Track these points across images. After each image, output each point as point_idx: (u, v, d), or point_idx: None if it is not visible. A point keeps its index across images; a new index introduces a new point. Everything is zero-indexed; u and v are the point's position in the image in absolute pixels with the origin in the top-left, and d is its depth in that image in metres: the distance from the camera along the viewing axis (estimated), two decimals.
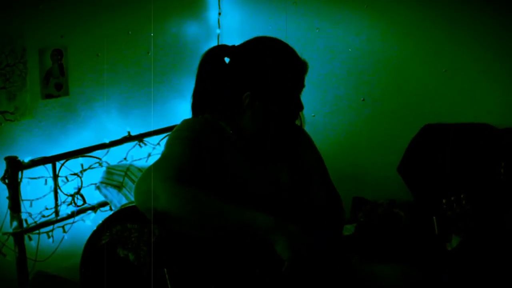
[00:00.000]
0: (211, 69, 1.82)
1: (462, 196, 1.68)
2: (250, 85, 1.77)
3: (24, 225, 2.53)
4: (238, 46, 1.84)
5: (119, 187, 2.77)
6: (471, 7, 2.93)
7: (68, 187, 2.72)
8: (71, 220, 2.71)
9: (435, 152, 2.92)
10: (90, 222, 2.79)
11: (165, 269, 1.63)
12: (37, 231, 2.59)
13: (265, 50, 1.79)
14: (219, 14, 3.58)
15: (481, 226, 1.67)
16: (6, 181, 2.46)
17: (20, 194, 2.49)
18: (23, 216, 2.52)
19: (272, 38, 1.84)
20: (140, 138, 3.03)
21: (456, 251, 2.21)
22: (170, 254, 1.65)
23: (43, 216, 2.63)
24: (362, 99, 3.29)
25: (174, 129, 1.78)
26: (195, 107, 1.87)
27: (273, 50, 1.80)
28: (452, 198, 1.68)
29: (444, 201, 1.69)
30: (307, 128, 1.98)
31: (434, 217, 1.68)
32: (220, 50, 1.84)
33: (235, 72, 1.80)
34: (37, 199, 2.59)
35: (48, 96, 2.71)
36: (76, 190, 2.73)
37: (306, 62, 1.82)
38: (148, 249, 1.65)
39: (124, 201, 2.76)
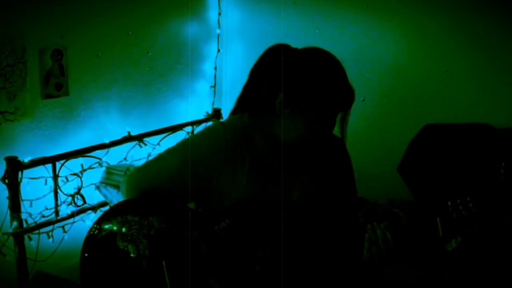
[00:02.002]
0: (264, 68, 1.80)
1: (468, 199, 1.67)
2: (285, 89, 1.74)
3: (24, 225, 2.53)
4: (293, 49, 1.81)
5: (118, 187, 2.77)
6: (471, 7, 2.93)
7: (68, 187, 2.72)
8: (71, 220, 2.72)
9: (435, 152, 2.92)
10: (90, 222, 2.79)
11: (164, 262, 1.64)
12: (37, 231, 2.59)
13: (309, 59, 1.76)
14: (219, 14, 3.58)
15: (485, 228, 1.66)
16: (6, 181, 2.46)
17: (20, 194, 2.49)
18: (23, 216, 2.52)
19: (327, 52, 1.81)
20: (140, 138, 3.03)
21: (456, 251, 2.21)
22: (168, 247, 1.65)
23: (43, 216, 2.63)
24: (362, 99, 3.29)
25: (185, 138, 1.90)
26: (239, 102, 1.88)
27: (317, 61, 1.77)
28: (458, 201, 1.68)
29: (449, 203, 1.68)
30: None
31: (438, 219, 1.67)
32: (278, 49, 1.80)
33: (276, 73, 1.76)
34: (37, 199, 2.59)
35: (48, 96, 2.71)
36: (76, 190, 2.73)
37: (352, 90, 1.80)
38: (148, 241, 1.66)
39: None
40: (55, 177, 2.64)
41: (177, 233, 1.68)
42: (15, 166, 2.47)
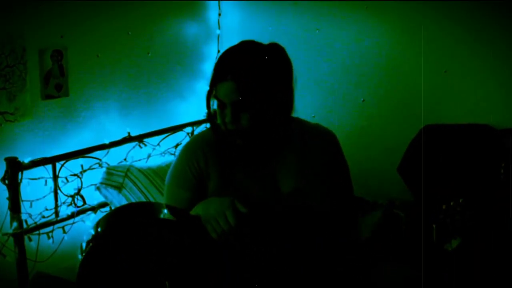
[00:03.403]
0: None
1: (460, 201, 1.67)
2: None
3: (24, 225, 2.52)
4: None
5: (119, 188, 2.77)
6: (471, 7, 2.93)
7: (68, 188, 2.72)
8: (71, 221, 2.71)
9: (435, 153, 2.91)
10: (90, 223, 2.78)
11: (167, 282, 1.59)
12: (37, 232, 2.58)
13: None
14: (219, 14, 3.58)
15: (481, 230, 1.66)
16: (6, 182, 2.46)
17: (20, 194, 2.49)
18: (23, 216, 2.52)
19: (241, 42, 1.87)
20: (140, 138, 3.03)
21: (456, 251, 2.21)
22: (172, 266, 1.61)
23: (43, 217, 2.63)
24: (362, 99, 3.29)
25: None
26: None
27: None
28: (452, 203, 1.68)
29: (444, 206, 1.68)
30: None
31: (434, 225, 1.67)
32: None
33: None
34: (37, 199, 2.59)
35: (48, 96, 2.71)
36: (76, 191, 2.73)
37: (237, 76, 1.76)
38: (150, 259, 1.61)
39: (124, 202, 2.76)
40: (55, 177, 2.64)
41: (180, 251, 1.62)
42: (15, 167, 2.47)
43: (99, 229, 1.60)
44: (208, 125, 3.41)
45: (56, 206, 2.66)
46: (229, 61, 1.78)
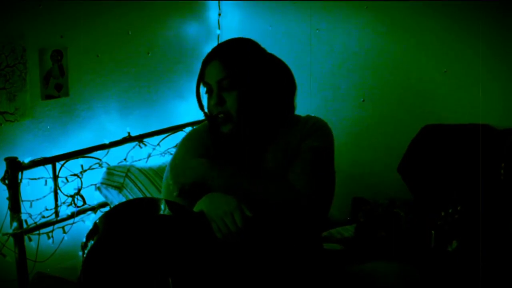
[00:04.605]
0: None
1: (459, 208, 1.68)
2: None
3: (24, 225, 2.52)
4: None
5: (120, 188, 2.77)
6: (472, 7, 2.93)
7: (68, 188, 2.72)
8: (71, 221, 2.71)
9: (435, 152, 2.91)
10: (90, 223, 2.79)
11: (170, 279, 1.58)
12: (37, 232, 2.58)
13: None
14: (219, 14, 3.59)
15: (481, 230, 1.66)
16: (6, 181, 2.46)
17: (20, 194, 2.49)
18: (23, 216, 2.52)
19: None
20: (140, 138, 3.03)
21: (456, 251, 2.21)
22: (175, 264, 1.60)
23: (43, 217, 2.63)
24: (362, 99, 3.29)
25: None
26: None
27: None
28: (450, 211, 1.68)
29: (442, 213, 1.69)
30: None
31: (432, 232, 1.68)
32: None
33: None
34: (37, 199, 2.59)
35: (48, 96, 2.71)
36: (76, 191, 2.73)
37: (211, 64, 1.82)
38: (152, 258, 1.59)
39: None
40: (55, 177, 2.64)
41: (183, 250, 1.61)
42: (15, 167, 2.47)
43: (100, 227, 1.60)
44: None
45: (56, 206, 2.66)
46: (217, 47, 1.85)
